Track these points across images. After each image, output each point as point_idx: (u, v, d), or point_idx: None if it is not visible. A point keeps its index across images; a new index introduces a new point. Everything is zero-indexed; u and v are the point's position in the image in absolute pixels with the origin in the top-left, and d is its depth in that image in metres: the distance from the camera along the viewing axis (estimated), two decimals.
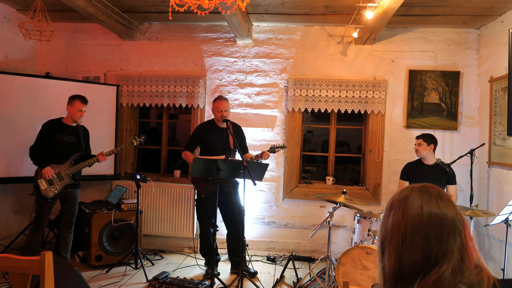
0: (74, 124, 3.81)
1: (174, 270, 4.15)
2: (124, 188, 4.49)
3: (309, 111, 4.73)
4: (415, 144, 3.86)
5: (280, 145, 3.84)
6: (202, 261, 4.29)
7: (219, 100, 3.96)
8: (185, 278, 3.61)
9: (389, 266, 0.97)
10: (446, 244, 0.92)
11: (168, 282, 3.47)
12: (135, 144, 4.05)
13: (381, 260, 1.01)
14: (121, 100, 4.95)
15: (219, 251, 4.26)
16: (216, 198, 3.52)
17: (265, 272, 4.19)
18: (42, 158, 3.64)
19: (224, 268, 4.22)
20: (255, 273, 3.98)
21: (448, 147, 4.53)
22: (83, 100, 3.76)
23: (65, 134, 3.75)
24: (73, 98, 3.74)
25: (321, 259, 3.57)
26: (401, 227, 0.96)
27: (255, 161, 3.79)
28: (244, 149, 4.10)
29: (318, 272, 3.82)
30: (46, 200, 3.62)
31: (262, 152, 3.81)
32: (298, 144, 4.82)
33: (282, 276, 3.94)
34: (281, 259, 4.57)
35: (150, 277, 3.70)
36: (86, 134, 3.98)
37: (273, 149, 3.81)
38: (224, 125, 3.87)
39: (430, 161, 3.85)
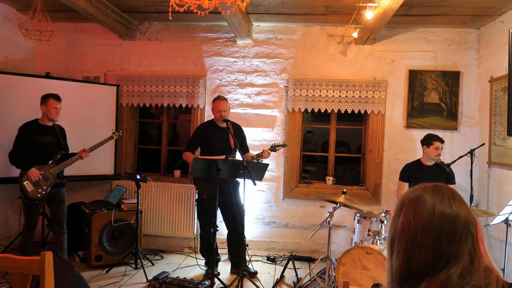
0: (51, 124, 3.79)
1: (174, 270, 4.15)
2: (124, 188, 4.49)
3: (309, 111, 4.73)
4: (440, 149, 3.76)
5: (280, 143, 3.85)
6: (202, 261, 4.29)
7: (218, 100, 3.96)
8: (185, 278, 3.61)
9: (396, 266, 0.95)
10: (458, 246, 0.90)
11: (168, 282, 3.47)
12: (115, 138, 4.06)
13: (389, 259, 0.99)
14: (121, 100, 4.95)
15: (219, 251, 4.25)
16: (216, 198, 3.52)
17: (265, 272, 4.19)
18: (24, 161, 3.62)
19: (224, 268, 4.22)
20: (255, 273, 3.98)
21: (448, 147, 4.52)
22: (57, 97, 3.74)
23: (44, 134, 3.73)
24: (46, 97, 3.71)
25: (321, 259, 3.57)
26: (411, 227, 0.93)
27: (255, 160, 3.79)
28: (244, 149, 4.11)
29: (318, 272, 3.82)
30: (33, 202, 3.62)
31: (263, 151, 3.81)
32: (298, 144, 4.82)
33: (282, 276, 3.94)
34: (281, 259, 4.57)
35: (150, 277, 3.70)
36: (63, 132, 3.95)
37: (274, 148, 3.81)
38: (224, 125, 3.88)
39: (429, 161, 3.86)
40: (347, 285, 1.55)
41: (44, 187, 3.64)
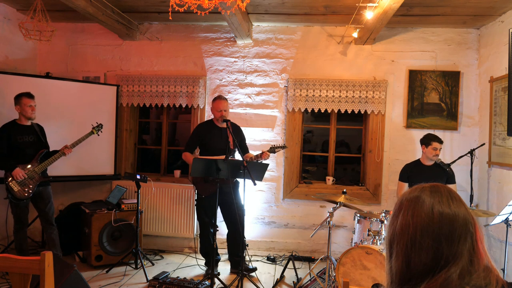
0: (29, 123, 3.79)
1: (174, 270, 4.15)
2: (124, 188, 4.49)
3: (309, 111, 4.72)
4: (438, 149, 3.76)
5: (280, 145, 3.84)
6: (202, 261, 4.29)
7: (219, 100, 3.96)
8: (185, 278, 3.60)
9: (396, 268, 0.95)
10: (457, 246, 0.89)
11: (168, 282, 3.47)
12: (95, 133, 4.03)
13: (388, 260, 0.98)
14: (121, 100, 4.95)
15: (219, 251, 4.26)
16: (216, 198, 3.52)
17: (265, 272, 4.19)
18: (7, 161, 3.62)
19: (224, 268, 4.23)
20: (254, 269, 3.98)
21: (448, 147, 4.53)
22: (29, 95, 3.72)
23: (24, 134, 3.72)
24: (19, 97, 3.69)
25: (321, 259, 3.57)
26: (410, 228, 0.93)
27: (255, 161, 3.79)
28: (244, 149, 4.10)
29: (318, 272, 3.82)
30: (21, 201, 3.64)
31: (262, 152, 3.81)
32: (298, 144, 4.82)
33: (282, 276, 3.94)
34: (281, 259, 4.57)
35: (150, 277, 3.70)
36: (42, 130, 3.95)
37: (273, 149, 3.80)
38: (223, 125, 3.88)
39: (429, 161, 3.86)
40: (347, 285, 1.55)
41: (31, 186, 3.65)
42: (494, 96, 4.15)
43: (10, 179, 3.59)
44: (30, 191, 3.66)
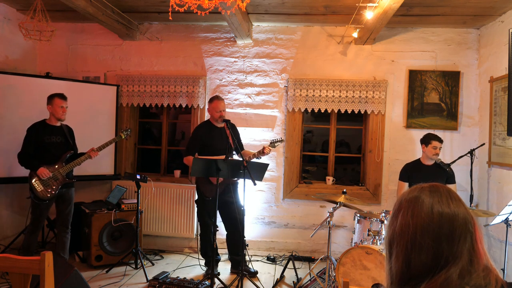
0: (59, 124, 3.80)
1: (174, 270, 4.15)
2: (124, 188, 4.49)
3: (309, 111, 4.72)
4: (438, 148, 3.77)
5: (278, 139, 3.88)
6: (202, 261, 4.29)
7: (218, 100, 3.95)
8: (185, 278, 3.61)
9: (396, 268, 0.95)
10: (457, 246, 0.89)
11: (168, 282, 3.47)
12: (123, 137, 4.08)
13: (388, 261, 0.98)
14: (121, 100, 4.95)
15: (219, 251, 4.25)
16: (217, 198, 3.52)
17: (265, 272, 4.19)
18: (33, 161, 3.62)
19: (224, 268, 4.23)
20: (255, 272, 3.97)
21: (448, 147, 4.53)
22: (62, 96, 3.74)
23: (52, 135, 3.73)
24: (52, 97, 3.72)
25: (321, 259, 3.57)
26: (410, 229, 0.92)
27: (256, 157, 3.80)
28: (241, 146, 4.10)
29: (318, 272, 3.82)
30: (43, 201, 3.62)
31: (264, 147, 3.81)
32: (298, 144, 4.82)
33: (282, 276, 3.94)
34: (281, 259, 4.57)
35: (150, 277, 3.70)
36: (71, 132, 3.96)
37: (273, 144, 3.85)
38: (222, 124, 3.88)
39: (429, 161, 3.86)
40: (347, 285, 1.55)
41: (54, 187, 3.65)
42: (494, 96, 4.15)
43: (35, 179, 3.58)
44: (53, 192, 3.64)
